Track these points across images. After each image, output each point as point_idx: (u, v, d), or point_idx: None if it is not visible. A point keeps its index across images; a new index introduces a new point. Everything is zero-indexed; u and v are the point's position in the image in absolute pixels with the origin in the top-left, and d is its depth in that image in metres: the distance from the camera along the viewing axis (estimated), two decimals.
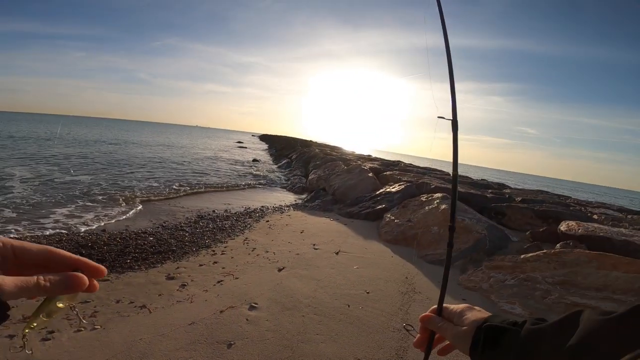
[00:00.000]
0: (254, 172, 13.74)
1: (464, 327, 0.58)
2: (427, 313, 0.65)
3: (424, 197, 5.38)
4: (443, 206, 4.82)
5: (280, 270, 3.82)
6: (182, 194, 8.13)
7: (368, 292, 3.37)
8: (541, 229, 4.51)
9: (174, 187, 8.72)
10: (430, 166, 15.96)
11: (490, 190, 7.56)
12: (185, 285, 3.29)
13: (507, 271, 3.61)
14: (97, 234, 4.63)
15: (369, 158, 15.55)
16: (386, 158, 18.65)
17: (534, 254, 3.58)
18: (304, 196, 8.96)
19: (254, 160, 18.67)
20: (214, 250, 4.37)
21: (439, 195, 5.23)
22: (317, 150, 17.34)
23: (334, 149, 22.32)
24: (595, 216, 6.02)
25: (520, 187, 13.61)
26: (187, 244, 4.48)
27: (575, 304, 2.96)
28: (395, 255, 4.51)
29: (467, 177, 12.14)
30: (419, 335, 0.66)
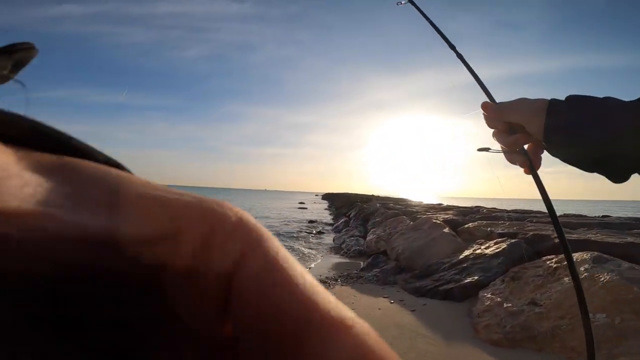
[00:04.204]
0: (304, 235, 12.18)
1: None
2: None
3: (552, 262, 3.17)
4: (605, 276, 2.60)
5: None
6: None
7: None
8: None
9: None
10: (503, 206, 12.64)
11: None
12: None
13: None
14: None
15: (440, 207, 13.10)
16: (460, 205, 15.82)
17: None
18: (360, 263, 7.00)
19: (310, 221, 17.26)
20: None
21: (584, 255, 2.98)
22: (377, 204, 15.38)
23: (398, 201, 20.10)
24: None
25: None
26: None
27: None
28: None
29: (580, 215, 8.97)
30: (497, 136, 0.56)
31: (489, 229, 5.19)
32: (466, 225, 5.96)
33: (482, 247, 4.32)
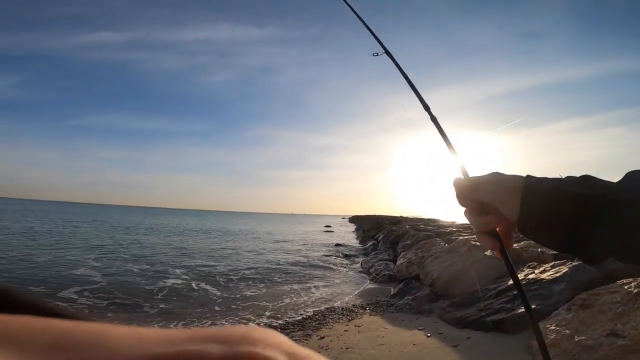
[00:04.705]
0: (332, 260, 11.66)
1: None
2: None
3: (631, 286, 2.56)
4: None
5: None
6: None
7: None
8: None
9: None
10: None
11: None
12: None
13: None
14: None
15: None
16: None
17: None
18: (390, 288, 6.41)
19: (337, 245, 16.69)
20: None
21: None
22: (407, 226, 14.64)
23: (428, 222, 19.17)
24: None
25: None
26: None
27: None
28: None
29: None
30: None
31: (539, 249, 4.53)
32: (513, 247, 5.28)
33: (536, 271, 3.69)
